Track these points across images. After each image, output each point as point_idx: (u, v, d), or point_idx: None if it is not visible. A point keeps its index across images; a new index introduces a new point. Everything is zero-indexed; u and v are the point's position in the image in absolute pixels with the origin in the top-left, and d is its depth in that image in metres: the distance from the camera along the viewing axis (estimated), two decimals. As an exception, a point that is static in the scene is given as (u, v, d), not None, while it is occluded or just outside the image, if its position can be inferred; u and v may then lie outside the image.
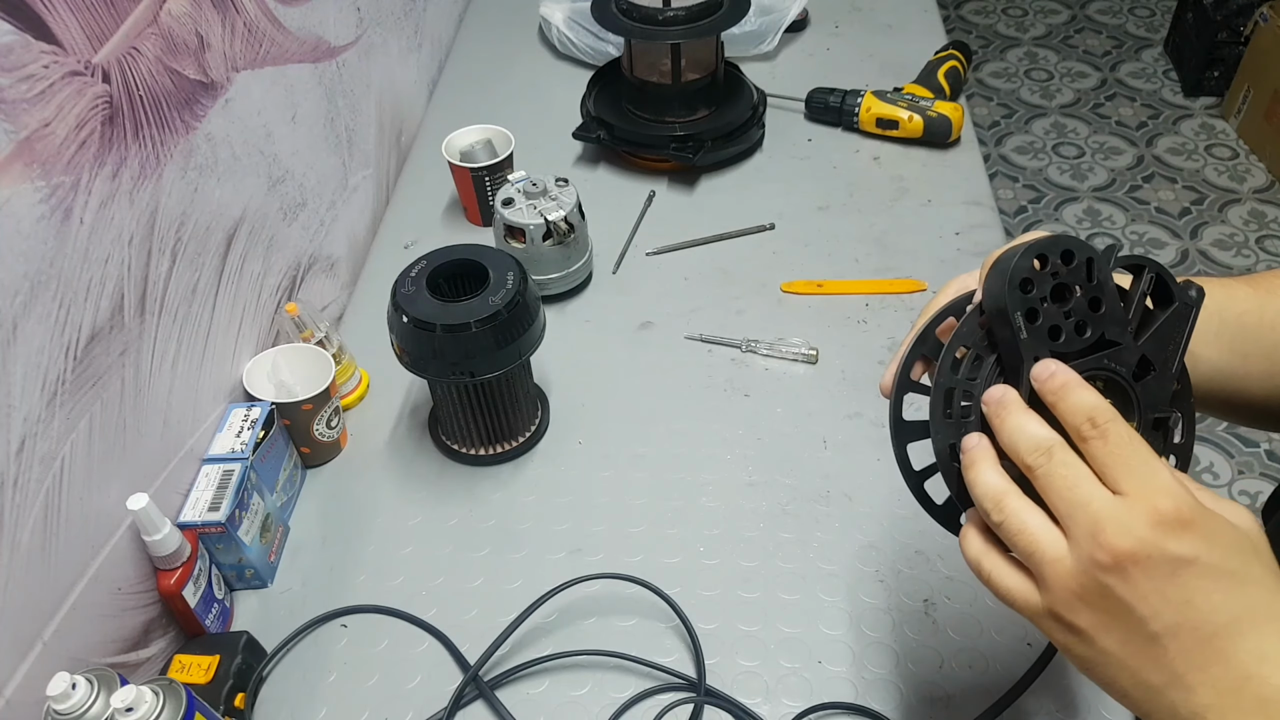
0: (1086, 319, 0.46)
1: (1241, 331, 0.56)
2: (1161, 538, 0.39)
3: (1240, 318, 0.56)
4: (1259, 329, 0.56)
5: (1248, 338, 0.56)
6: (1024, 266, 0.45)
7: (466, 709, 0.72)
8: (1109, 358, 0.47)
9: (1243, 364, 0.56)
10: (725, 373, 0.95)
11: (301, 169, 0.98)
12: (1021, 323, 0.45)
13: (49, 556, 0.62)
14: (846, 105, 1.21)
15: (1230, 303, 0.56)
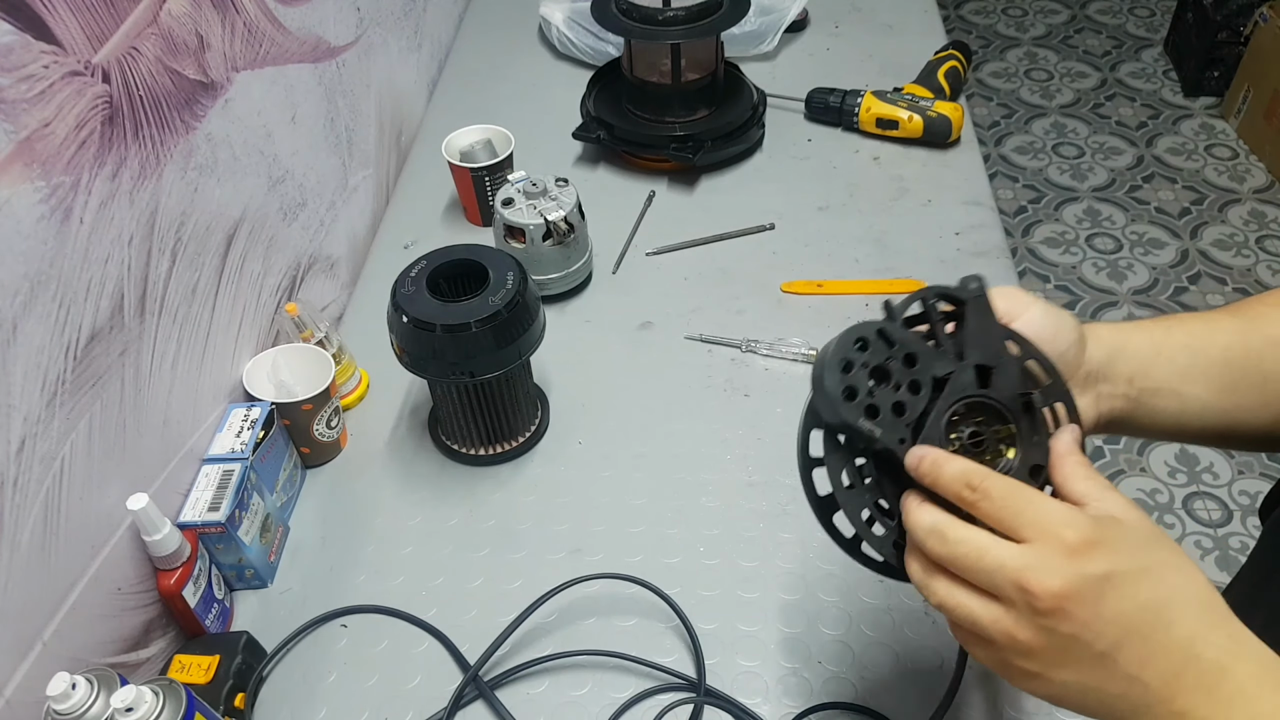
0: (914, 377, 0.48)
1: (1227, 366, 0.56)
2: (1079, 565, 0.41)
3: (1224, 351, 0.56)
4: (1244, 361, 0.56)
5: (1233, 371, 0.56)
6: (836, 382, 0.47)
7: (467, 709, 0.72)
8: (953, 390, 0.48)
9: (1232, 397, 0.56)
10: (725, 373, 0.95)
11: (301, 169, 0.98)
12: (868, 425, 0.47)
13: (49, 557, 0.62)
14: (846, 105, 1.21)
15: (1213, 336, 0.57)
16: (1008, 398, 0.49)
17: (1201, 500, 1.76)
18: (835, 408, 0.47)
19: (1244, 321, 0.57)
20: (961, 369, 0.49)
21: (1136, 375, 0.56)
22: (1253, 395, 0.56)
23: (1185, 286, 2.13)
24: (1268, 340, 0.56)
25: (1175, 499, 1.77)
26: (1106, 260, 2.22)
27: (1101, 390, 0.55)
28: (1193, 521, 1.73)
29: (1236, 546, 1.69)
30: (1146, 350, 0.56)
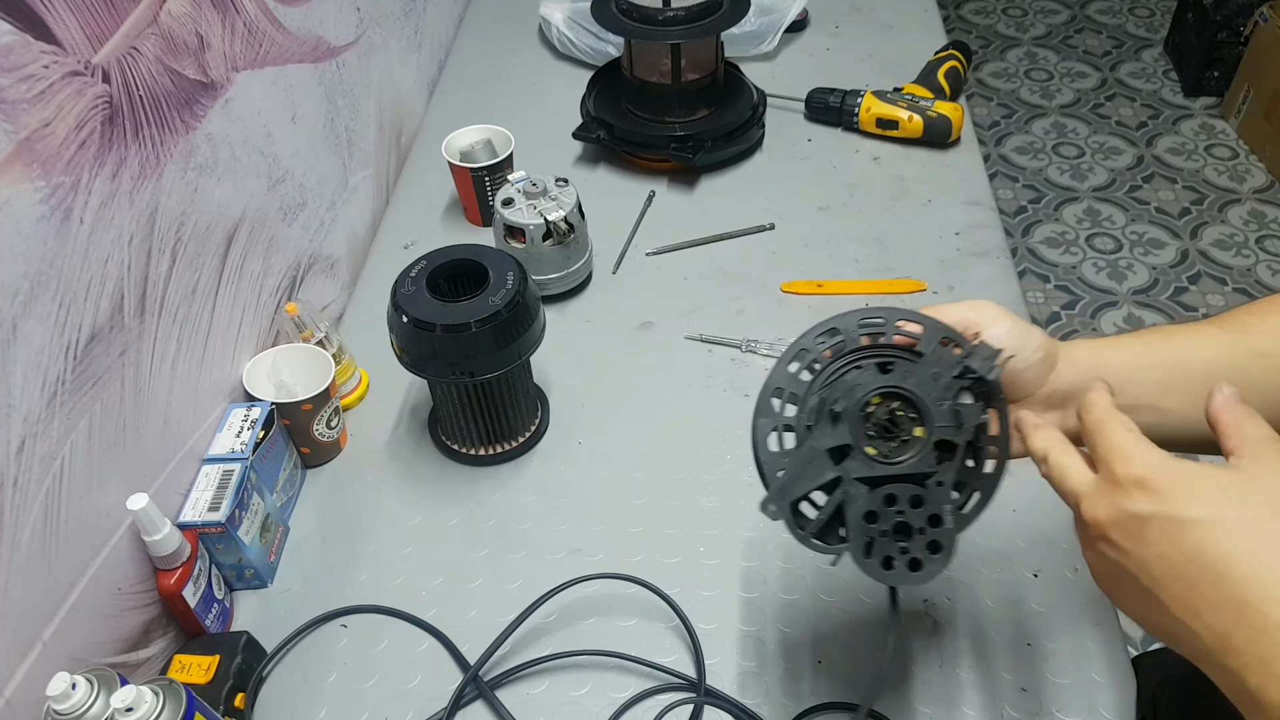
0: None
1: (1209, 379, 0.55)
2: (1121, 500, 0.44)
3: (1206, 365, 0.57)
4: (1228, 374, 0.55)
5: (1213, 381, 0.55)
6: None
7: (467, 709, 0.72)
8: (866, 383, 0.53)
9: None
10: (725, 373, 0.95)
11: (301, 169, 0.98)
12: None
13: (49, 556, 0.62)
14: (846, 105, 1.21)
15: (1197, 350, 0.57)
16: (915, 385, 0.53)
17: None
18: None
19: (1230, 334, 0.58)
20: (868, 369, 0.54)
21: (1114, 391, 0.55)
22: None
23: (1185, 286, 2.13)
24: (1252, 353, 0.57)
25: None
26: (1106, 260, 2.22)
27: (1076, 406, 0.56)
28: None
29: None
30: (1124, 368, 0.57)
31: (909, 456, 0.52)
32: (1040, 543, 0.78)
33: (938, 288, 1.01)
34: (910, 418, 0.53)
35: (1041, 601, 0.75)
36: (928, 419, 0.52)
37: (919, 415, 0.53)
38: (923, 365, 0.53)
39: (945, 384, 0.53)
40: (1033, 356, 0.56)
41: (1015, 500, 0.82)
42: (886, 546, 0.52)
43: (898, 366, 0.53)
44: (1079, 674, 0.70)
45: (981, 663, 0.71)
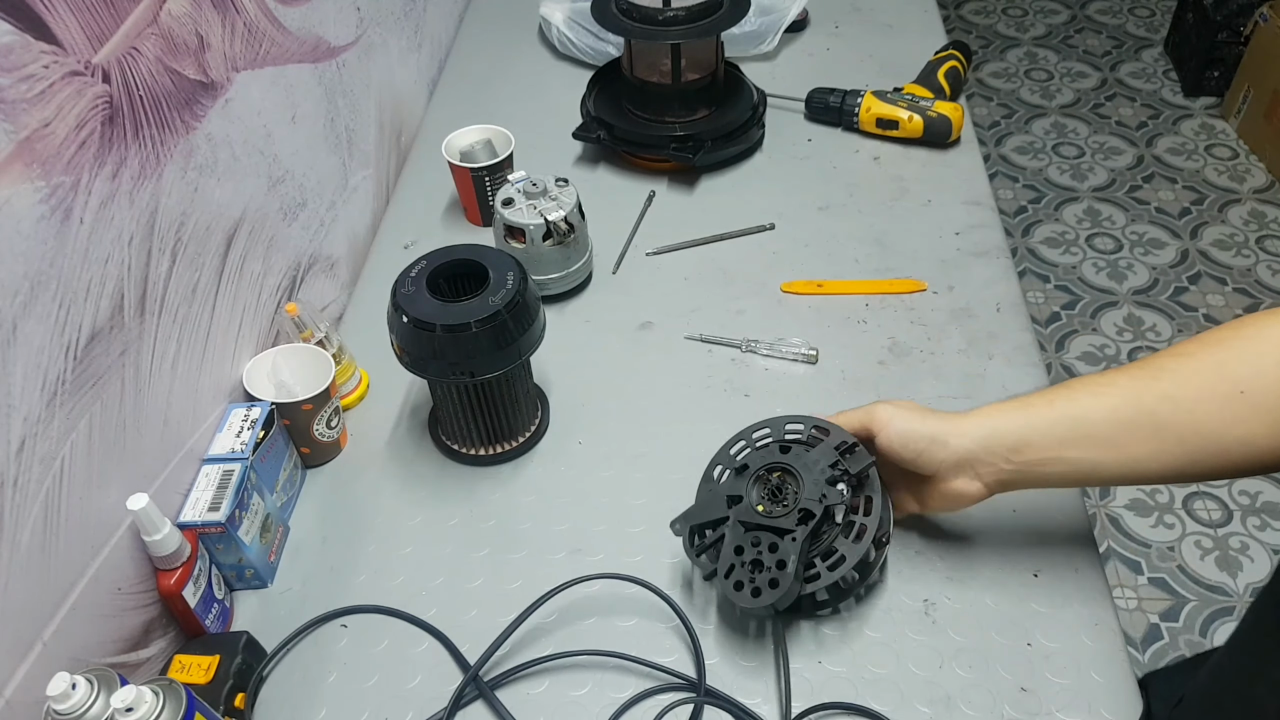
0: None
1: (1116, 425, 0.62)
2: None
3: (1112, 413, 0.62)
4: (1135, 417, 0.61)
5: (1122, 429, 0.61)
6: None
7: (466, 709, 0.72)
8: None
9: (1125, 451, 0.62)
10: (725, 373, 0.95)
11: (301, 169, 0.98)
12: None
13: (49, 556, 0.62)
14: (846, 105, 1.21)
15: (1100, 401, 0.62)
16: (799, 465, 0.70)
17: (1201, 500, 1.76)
18: None
19: (1142, 381, 0.62)
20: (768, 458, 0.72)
21: (1013, 452, 0.64)
22: (1146, 446, 0.61)
23: (1185, 286, 2.13)
24: (1161, 396, 0.60)
25: (1175, 499, 1.77)
26: (1107, 260, 2.22)
27: (979, 469, 0.66)
28: (1193, 521, 1.73)
29: (1236, 546, 1.68)
30: (1019, 430, 0.64)
31: (781, 515, 0.68)
32: (1040, 543, 0.78)
33: (938, 288, 1.01)
34: (793, 491, 0.69)
35: (1041, 601, 0.75)
36: (800, 491, 0.69)
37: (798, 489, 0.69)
38: (811, 454, 0.70)
39: (822, 469, 0.69)
40: (917, 446, 0.67)
41: (1015, 501, 0.82)
42: (741, 574, 0.68)
43: (794, 451, 0.71)
44: (1079, 674, 0.70)
45: (981, 663, 0.71)
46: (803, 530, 0.67)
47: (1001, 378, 0.92)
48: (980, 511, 0.81)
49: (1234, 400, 0.57)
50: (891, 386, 0.92)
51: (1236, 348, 0.59)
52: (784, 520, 0.68)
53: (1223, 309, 2.07)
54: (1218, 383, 0.58)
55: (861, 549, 0.67)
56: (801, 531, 0.67)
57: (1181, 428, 0.59)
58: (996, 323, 0.97)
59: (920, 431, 0.67)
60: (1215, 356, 0.60)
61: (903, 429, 0.68)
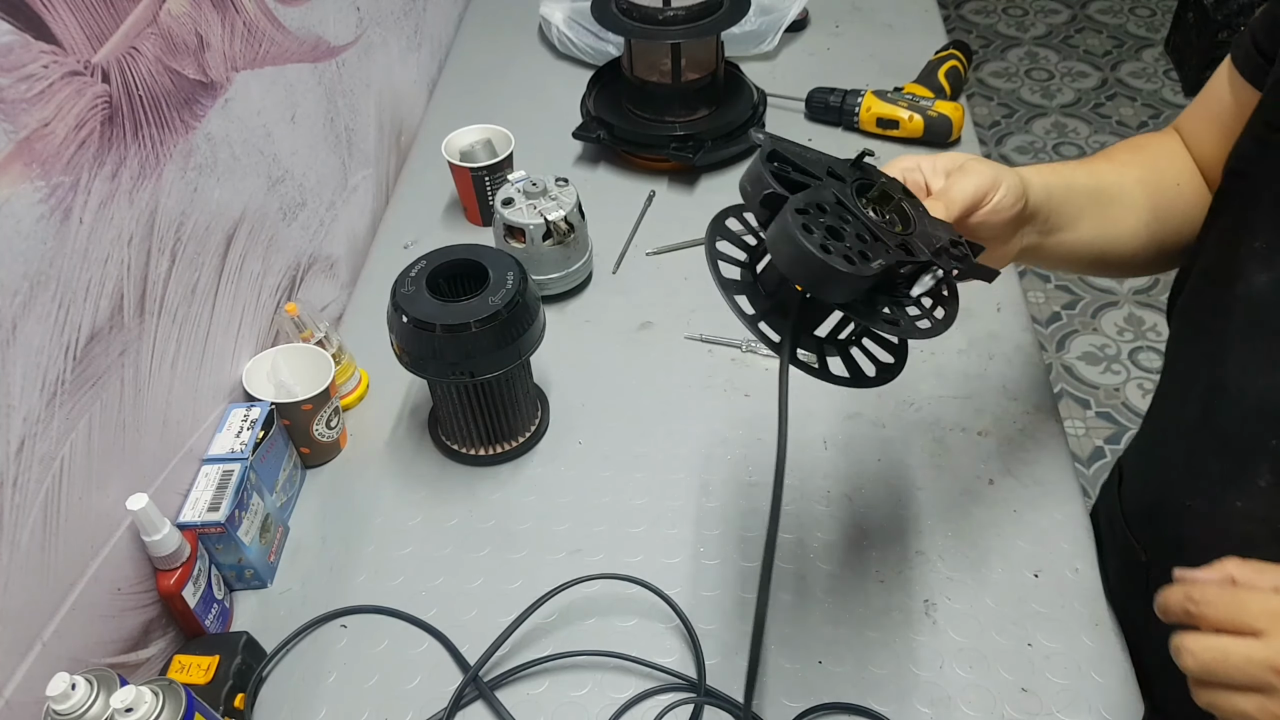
0: None
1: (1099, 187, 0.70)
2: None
3: (1100, 178, 0.70)
4: (1118, 194, 0.70)
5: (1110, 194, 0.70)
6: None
7: (467, 709, 0.72)
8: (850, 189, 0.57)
9: (1109, 217, 0.70)
10: (725, 373, 0.95)
11: (301, 169, 0.98)
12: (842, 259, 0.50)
13: (49, 556, 0.62)
14: (847, 105, 1.21)
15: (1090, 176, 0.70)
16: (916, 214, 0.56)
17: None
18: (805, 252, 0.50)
19: (1118, 166, 0.73)
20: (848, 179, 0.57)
21: (1049, 202, 0.66)
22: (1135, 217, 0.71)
23: (1186, 286, 2.14)
24: (1136, 181, 0.72)
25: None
26: (1107, 260, 2.22)
27: (1034, 224, 0.66)
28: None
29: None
30: (1054, 181, 0.67)
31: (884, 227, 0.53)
32: (1040, 543, 0.78)
33: (938, 287, 1.01)
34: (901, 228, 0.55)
35: (1041, 601, 0.75)
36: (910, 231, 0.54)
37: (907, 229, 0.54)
38: (934, 221, 0.56)
39: (938, 238, 0.55)
40: (1012, 203, 0.62)
41: (1015, 500, 0.82)
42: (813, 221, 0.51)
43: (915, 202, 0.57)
44: (1079, 674, 0.70)
45: (981, 663, 0.71)
46: (897, 255, 0.52)
47: (1002, 378, 0.92)
48: (980, 511, 0.81)
49: (1174, 193, 0.72)
50: (891, 386, 0.91)
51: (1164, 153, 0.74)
52: (885, 232, 0.53)
53: (1223, 308, 2.08)
54: (1160, 180, 0.72)
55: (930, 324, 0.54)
56: (896, 255, 0.52)
57: (1156, 208, 0.71)
58: (997, 322, 0.97)
59: (1020, 188, 0.62)
60: (1152, 158, 0.73)
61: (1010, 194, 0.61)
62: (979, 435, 0.87)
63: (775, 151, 0.55)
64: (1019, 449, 0.86)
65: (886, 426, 0.89)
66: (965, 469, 0.85)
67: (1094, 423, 1.88)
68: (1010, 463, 0.85)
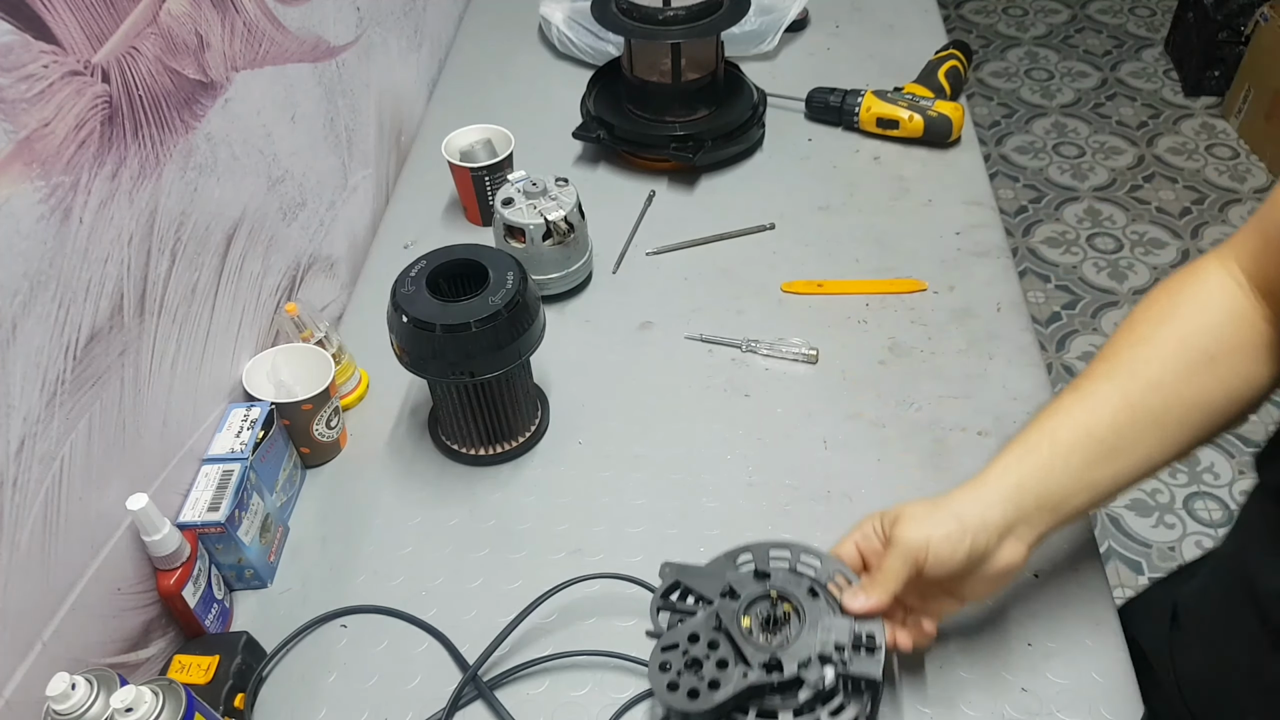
0: None
1: (1119, 432, 0.60)
2: None
3: (1112, 421, 0.60)
4: (1133, 418, 0.60)
5: (1128, 433, 0.60)
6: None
7: (466, 710, 0.72)
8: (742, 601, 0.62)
9: (1135, 454, 0.61)
10: (725, 373, 0.95)
11: (301, 169, 0.98)
12: None
13: (49, 556, 0.62)
14: (847, 105, 1.21)
15: (1096, 416, 0.61)
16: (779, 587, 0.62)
17: (1202, 500, 1.76)
18: None
19: (1122, 379, 0.61)
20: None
21: (1042, 498, 0.61)
22: (1154, 438, 0.61)
23: (1186, 286, 2.13)
24: (1147, 387, 0.61)
25: (1176, 499, 1.77)
26: (1107, 260, 2.22)
27: (1018, 532, 0.61)
28: (1193, 521, 1.73)
29: (1237, 547, 1.68)
30: (1041, 476, 0.61)
31: (755, 646, 0.59)
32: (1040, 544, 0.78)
33: (938, 287, 1.01)
34: (786, 634, 0.61)
35: (1041, 601, 0.74)
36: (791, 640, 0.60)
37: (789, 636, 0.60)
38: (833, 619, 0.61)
39: (825, 641, 0.59)
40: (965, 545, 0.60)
41: (1015, 500, 0.82)
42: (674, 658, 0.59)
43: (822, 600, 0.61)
44: (1079, 674, 0.70)
45: (981, 663, 0.71)
46: (757, 676, 0.58)
47: (1002, 378, 0.92)
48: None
49: (1207, 367, 0.60)
50: (891, 386, 0.92)
51: (1186, 319, 0.62)
52: (753, 652, 0.59)
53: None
54: (1187, 356, 0.61)
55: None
56: (755, 677, 0.58)
57: (1177, 409, 0.60)
58: (997, 322, 0.97)
59: (959, 532, 0.60)
60: (1174, 332, 0.62)
61: (945, 543, 0.59)
62: (979, 435, 0.87)
63: (677, 582, 0.64)
64: (1019, 449, 0.86)
65: (886, 426, 0.89)
66: (965, 469, 0.84)
67: (1094, 423, 1.88)
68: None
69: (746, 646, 0.59)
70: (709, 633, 0.60)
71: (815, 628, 0.60)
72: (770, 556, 0.64)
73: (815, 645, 0.59)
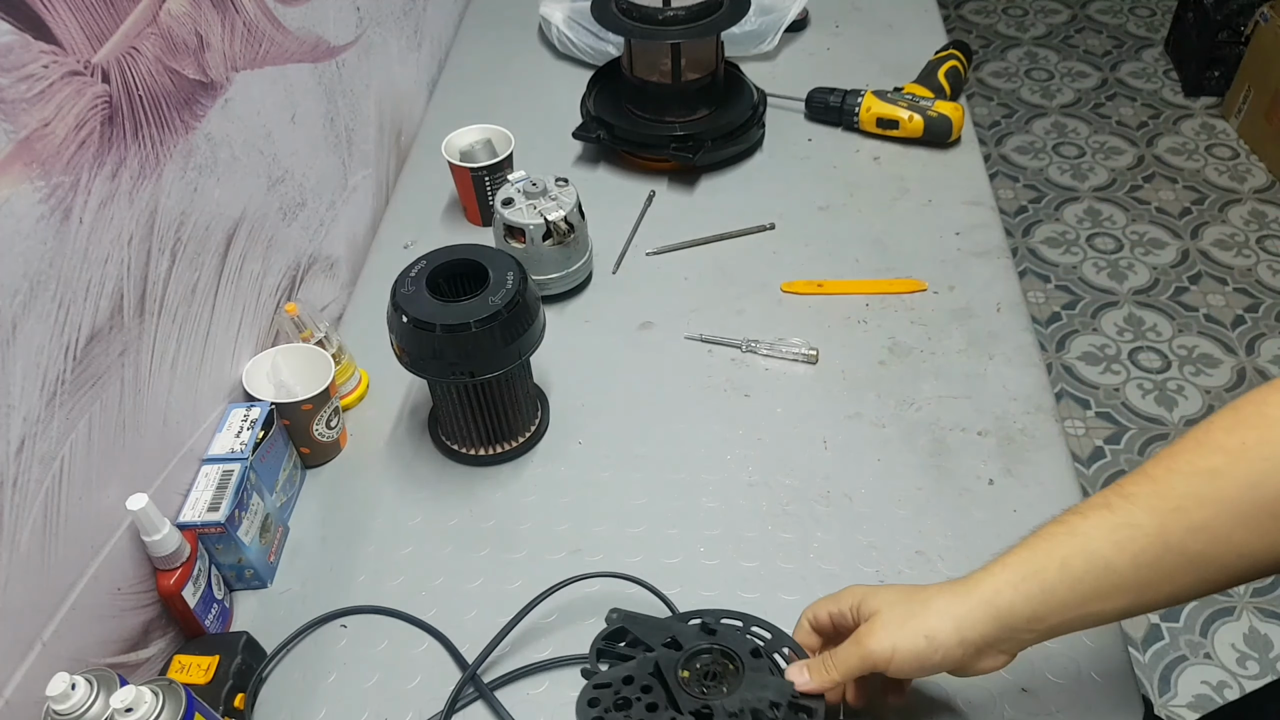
0: None
1: (1141, 568, 0.53)
2: None
3: (1136, 558, 0.52)
4: (1163, 556, 0.52)
5: (1154, 570, 0.53)
6: None
7: (467, 709, 0.72)
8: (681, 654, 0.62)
9: (1162, 590, 0.53)
10: (725, 373, 0.95)
11: (301, 169, 0.98)
12: None
13: (49, 557, 0.62)
14: (847, 105, 1.21)
15: (1122, 548, 0.52)
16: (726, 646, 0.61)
17: None
18: None
19: (1164, 515, 0.52)
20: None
21: (1034, 622, 0.55)
22: (1185, 580, 0.53)
23: (1186, 286, 2.13)
24: (1190, 529, 0.51)
25: None
26: (1107, 260, 2.22)
27: (1001, 647, 0.56)
28: None
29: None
30: (1034, 605, 0.54)
31: (689, 694, 0.59)
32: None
33: (938, 288, 1.01)
34: (721, 689, 0.60)
35: (1042, 602, 0.74)
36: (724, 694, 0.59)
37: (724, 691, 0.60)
38: (767, 678, 0.60)
39: (760, 698, 0.58)
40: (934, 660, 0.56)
41: (1015, 500, 0.82)
42: (606, 697, 0.60)
43: (762, 660, 0.61)
44: (1079, 674, 0.70)
45: (982, 663, 0.71)
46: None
47: (1002, 378, 0.92)
48: (980, 511, 0.81)
49: (1278, 516, 0.50)
50: (891, 386, 0.92)
51: (1272, 455, 0.50)
52: (686, 699, 0.59)
53: (1223, 309, 2.07)
54: (1258, 500, 0.50)
55: None
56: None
57: (1226, 556, 0.51)
58: (997, 322, 0.97)
59: (927, 650, 0.56)
60: (1247, 473, 0.50)
61: (911, 659, 0.56)
62: (979, 435, 0.87)
63: (622, 627, 0.64)
64: (1019, 449, 0.86)
65: (886, 426, 0.89)
66: (965, 469, 0.85)
67: (1094, 423, 1.88)
68: (1010, 463, 0.85)
69: (680, 694, 0.59)
70: (644, 678, 0.60)
71: (754, 685, 0.59)
72: (721, 621, 0.64)
73: (751, 700, 0.58)
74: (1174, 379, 1.94)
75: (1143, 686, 1.48)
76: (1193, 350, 1.99)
